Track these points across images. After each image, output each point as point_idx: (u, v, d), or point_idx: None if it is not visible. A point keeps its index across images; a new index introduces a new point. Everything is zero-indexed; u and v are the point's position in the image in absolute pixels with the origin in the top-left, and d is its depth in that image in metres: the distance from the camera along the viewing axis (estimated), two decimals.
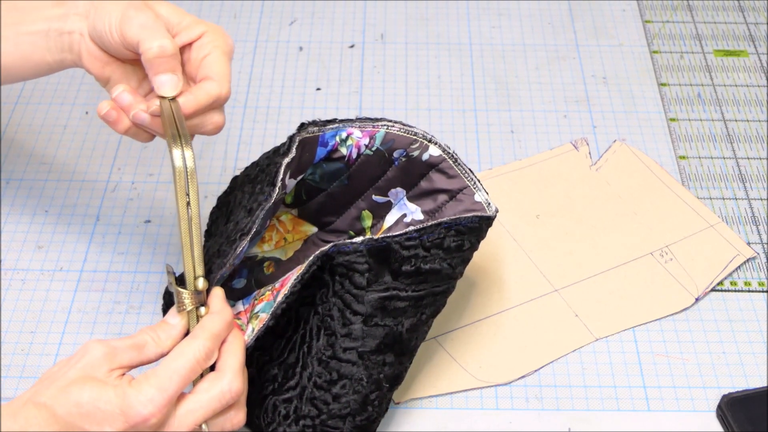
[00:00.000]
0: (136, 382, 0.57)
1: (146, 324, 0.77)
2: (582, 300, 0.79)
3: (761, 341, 0.77)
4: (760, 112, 0.97)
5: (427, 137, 0.72)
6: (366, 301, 0.65)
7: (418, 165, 0.73)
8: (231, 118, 0.95)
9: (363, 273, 0.65)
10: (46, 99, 0.97)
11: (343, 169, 0.74)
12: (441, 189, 0.73)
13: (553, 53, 1.04)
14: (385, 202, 0.75)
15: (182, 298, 0.62)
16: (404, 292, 0.66)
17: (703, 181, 0.90)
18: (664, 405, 0.73)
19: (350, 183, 0.75)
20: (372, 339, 0.65)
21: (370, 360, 0.65)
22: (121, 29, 0.66)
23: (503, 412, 0.72)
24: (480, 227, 0.69)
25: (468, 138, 0.94)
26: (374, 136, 0.72)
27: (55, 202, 0.87)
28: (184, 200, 0.60)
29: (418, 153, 0.72)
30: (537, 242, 0.84)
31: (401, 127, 0.72)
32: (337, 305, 0.66)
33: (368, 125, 0.72)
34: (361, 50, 1.03)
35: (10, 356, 0.75)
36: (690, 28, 1.07)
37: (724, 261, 0.82)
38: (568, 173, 0.90)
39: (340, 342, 0.65)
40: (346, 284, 0.66)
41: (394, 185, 0.74)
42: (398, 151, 0.73)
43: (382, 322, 0.65)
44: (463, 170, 0.72)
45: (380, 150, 0.73)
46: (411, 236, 0.66)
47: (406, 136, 0.72)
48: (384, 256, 0.65)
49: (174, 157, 0.60)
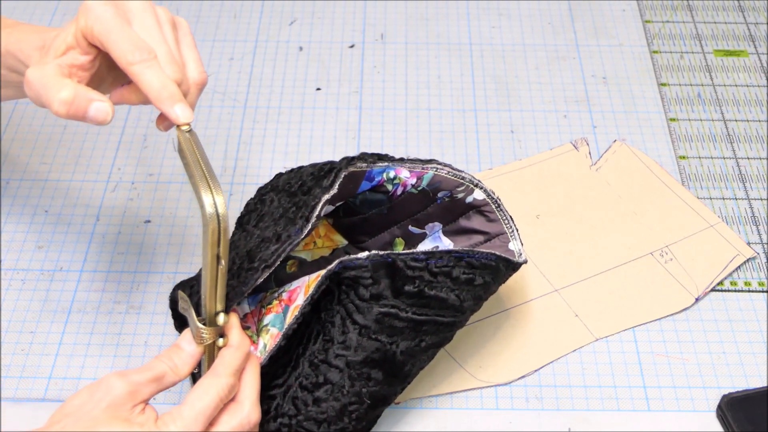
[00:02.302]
0: (162, 422, 0.57)
1: (146, 324, 0.78)
2: (582, 300, 0.79)
3: (761, 341, 0.77)
4: (760, 112, 0.97)
5: (474, 182, 0.72)
6: (366, 313, 0.65)
7: (460, 205, 0.73)
8: (231, 118, 0.95)
9: (367, 287, 0.65)
10: None
11: (385, 201, 0.74)
12: (478, 230, 0.73)
13: (553, 53, 1.04)
14: (420, 233, 0.76)
15: (201, 333, 0.61)
16: (404, 312, 0.66)
17: (703, 181, 0.90)
18: (664, 405, 0.73)
19: (389, 213, 0.75)
20: (362, 350, 0.65)
21: (355, 370, 0.65)
22: (105, 46, 0.62)
23: (503, 412, 0.72)
24: (497, 267, 0.69)
25: (468, 138, 0.94)
26: (422, 177, 0.72)
27: (55, 202, 0.87)
28: (214, 251, 0.57)
29: (463, 195, 0.73)
30: (537, 242, 0.84)
31: (450, 171, 0.72)
32: (340, 313, 0.66)
33: (417, 166, 0.72)
34: (361, 50, 1.03)
35: (10, 356, 0.75)
36: (690, 28, 1.07)
37: (724, 261, 0.82)
38: (568, 173, 0.90)
39: (335, 348, 0.65)
40: (351, 294, 0.66)
41: (432, 220, 0.75)
42: (443, 192, 0.73)
43: (375, 336, 0.65)
44: (504, 216, 0.72)
45: (426, 190, 0.73)
46: (417, 257, 0.66)
47: (454, 180, 0.72)
48: (389, 272, 0.65)
49: (205, 204, 0.56)
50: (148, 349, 0.76)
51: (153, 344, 0.76)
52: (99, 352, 0.76)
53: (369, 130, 0.94)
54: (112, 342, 0.77)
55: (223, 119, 0.95)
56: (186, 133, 0.60)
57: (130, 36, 0.62)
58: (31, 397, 0.73)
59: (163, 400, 0.72)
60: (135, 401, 0.58)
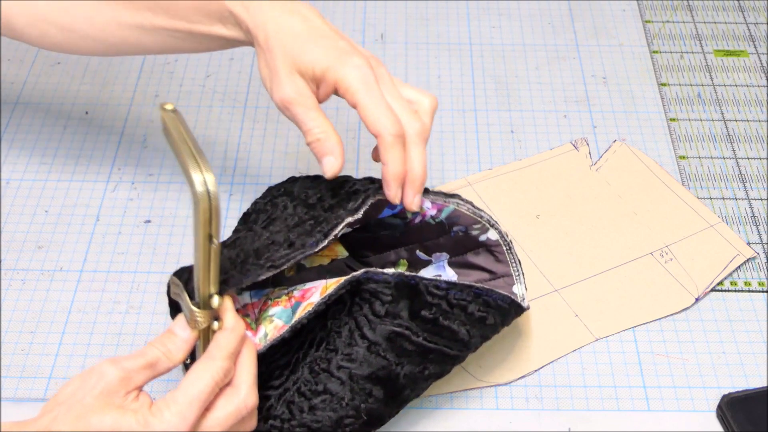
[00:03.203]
0: (157, 408, 0.57)
1: (146, 324, 0.78)
2: (582, 300, 0.79)
3: (761, 341, 0.77)
4: (760, 112, 0.97)
5: (491, 222, 0.72)
6: (378, 330, 0.65)
7: (472, 241, 0.73)
8: (231, 118, 0.95)
9: (384, 303, 0.65)
10: (46, 99, 0.97)
11: (401, 226, 0.74)
12: (485, 268, 0.74)
13: (553, 53, 1.04)
14: (426, 260, 0.76)
15: (195, 316, 0.60)
16: (416, 336, 0.65)
17: (703, 181, 0.90)
18: (664, 405, 0.73)
19: (401, 237, 0.75)
20: (368, 366, 0.65)
21: (358, 384, 0.65)
22: (275, 102, 0.69)
23: (503, 412, 0.72)
24: (509, 310, 0.69)
25: (468, 138, 0.94)
26: (443, 209, 0.72)
27: (55, 202, 0.87)
28: (206, 231, 0.56)
29: (477, 233, 0.73)
30: (537, 242, 0.84)
31: (470, 208, 0.72)
32: (349, 325, 0.65)
33: (440, 199, 0.72)
34: None
35: (10, 356, 0.75)
36: (690, 28, 1.07)
37: (724, 261, 0.82)
38: (568, 173, 0.90)
39: (338, 359, 0.65)
40: (365, 308, 0.65)
41: (441, 250, 0.75)
42: (459, 227, 0.73)
43: (383, 354, 0.65)
44: (512, 259, 0.73)
45: (443, 222, 0.73)
46: (440, 285, 0.66)
47: (472, 217, 0.72)
48: (409, 294, 0.65)
49: (195, 182, 0.54)
50: None
51: None
52: (99, 352, 0.76)
53: None
54: (112, 342, 0.76)
55: (223, 119, 0.95)
56: (170, 112, 0.58)
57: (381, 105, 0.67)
58: (31, 397, 0.73)
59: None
60: (128, 388, 0.57)
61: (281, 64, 0.68)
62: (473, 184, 0.89)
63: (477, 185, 0.89)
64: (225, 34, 0.72)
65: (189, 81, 1.00)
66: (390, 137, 0.67)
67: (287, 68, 0.68)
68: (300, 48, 0.68)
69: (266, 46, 0.69)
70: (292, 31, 0.68)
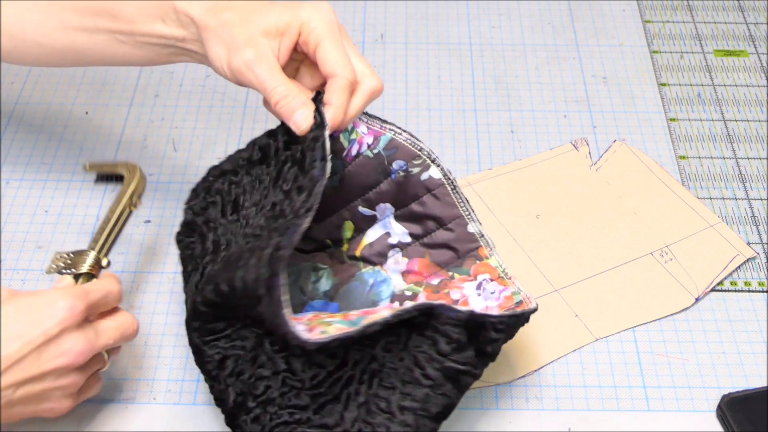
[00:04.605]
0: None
1: (146, 324, 0.77)
2: (582, 300, 0.79)
3: (761, 341, 0.77)
4: (760, 112, 0.97)
5: (431, 156, 0.70)
6: (442, 368, 0.62)
7: (414, 184, 0.71)
8: (231, 118, 0.95)
9: (451, 342, 0.62)
10: (46, 99, 0.97)
11: (338, 165, 0.71)
12: (432, 215, 0.72)
13: (553, 53, 1.04)
14: (371, 215, 0.74)
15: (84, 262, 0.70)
16: (476, 369, 0.64)
17: (703, 181, 0.90)
18: (664, 405, 0.73)
19: (341, 186, 0.73)
20: (435, 407, 0.62)
21: (426, 426, 0.62)
22: (233, 73, 0.68)
23: (503, 412, 0.72)
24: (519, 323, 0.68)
25: (468, 138, 0.94)
26: (379, 138, 0.70)
27: (55, 202, 0.87)
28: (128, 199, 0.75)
29: (418, 171, 0.71)
30: (537, 242, 0.84)
31: (408, 138, 0.70)
32: (407, 362, 0.63)
33: (376, 124, 0.70)
34: (361, 50, 1.03)
35: None
36: (690, 28, 1.07)
37: (724, 261, 0.82)
38: (568, 173, 0.90)
39: (398, 399, 0.62)
40: (425, 345, 0.63)
41: (384, 199, 0.73)
42: (398, 162, 0.71)
43: (450, 394, 0.63)
44: (459, 198, 0.71)
45: (381, 155, 0.71)
46: (504, 320, 0.64)
47: (411, 149, 0.70)
48: (475, 331, 0.63)
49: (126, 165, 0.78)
50: (148, 349, 0.76)
51: (153, 344, 0.76)
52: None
53: None
54: None
55: (223, 119, 0.95)
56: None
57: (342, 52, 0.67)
58: None
59: (163, 400, 0.72)
60: None
61: (238, 33, 0.67)
62: (473, 184, 0.89)
63: (477, 185, 0.89)
64: (165, 32, 0.71)
65: (189, 81, 1.00)
66: (344, 80, 0.66)
67: (245, 35, 0.67)
68: (258, 11, 0.68)
69: (219, 22, 0.68)
70: (242, 6, 0.69)
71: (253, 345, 0.64)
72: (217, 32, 0.68)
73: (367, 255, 0.75)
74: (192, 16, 0.69)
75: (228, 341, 0.64)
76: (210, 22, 0.68)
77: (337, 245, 0.75)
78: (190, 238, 0.71)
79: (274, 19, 0.68)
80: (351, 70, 0.67)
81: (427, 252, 0.73)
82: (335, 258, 0.76)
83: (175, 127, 0.95)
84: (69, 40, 0.74)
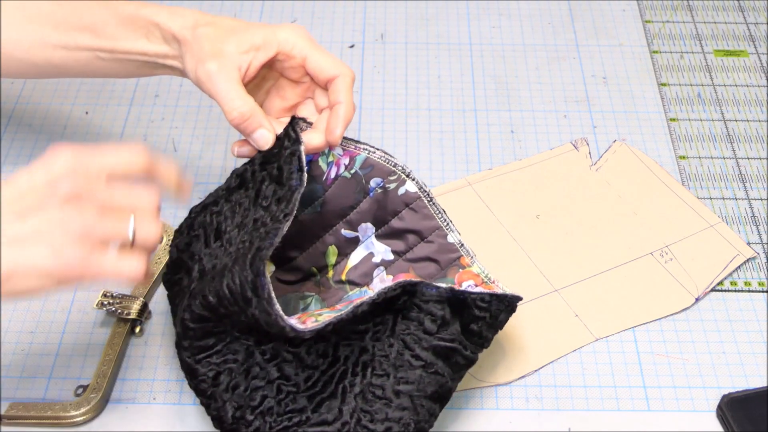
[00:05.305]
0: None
1: (146, 324, 0.77)
2: (582, 300, 0.79)
3: (761, 341, 0.77)
4: (760, 112, 0.97)
5: (405, 171, 0.73)
6: (431, 347, 0.64)
7: (392, 200, 0.73)
8: None
9: (436, 319, 0.64)
10: (46, 99, 0.97)
11: (319, 190, 0.73)
12: (412, 229, 0.73)
13: (553, 53, 1.04)
14: (353, 237, 0.75)
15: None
16: (466, 350, 0.65)
17: (703, 181, 0.90)
18: (664, 405, 0.73)
19: (323, 210, 0.74)
20: (429, 386, 0.64)
21: (423, 407, 0.64)
22: (198, 83, 0.71)
23: (503, 412, 0.72)
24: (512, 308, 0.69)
25: (468, 138, 0.94)
26: (355, 158, 0.72)
27: None
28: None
29: (395, 186, 0.73)
30: (537, 242, 0.84)
31: (382, 155, 0.73)
32: (396, 346, 0.64)
33: (350, 145, 0.73)
34: (361, 50, 1.03)
35: (10, 356, 0.75)
36: (690, 28, 1.07)
37: (724, 261, 0.82)
38: (568, 173, 0.90)
39: (393, 384, 0.64)
40: (412, 327, 0.64)
41: (365, 219, 0.74)
42: (375, 180, 0.73)
43: (442, 372, 0.64)
44: (436, 210, 0.72)
45: (358, 174, 0.73)
46: (485, 298, 0.66)
47: (386, 166, 0.73)
48: (458, 308, 0.65)
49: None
50: (148, 349, 0.76)
51: (153, 344, 0.76)
52: (99, 352, 0.76)
53: (369, 130, 0.94)
54: None
55: (223, 119, 0.95)
56: None
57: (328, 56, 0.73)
58: (31, 397, 0.73)
59: (163, 400, 0.72)
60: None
61: (208, 46, 0.70)
62: (473, 184, 0.89)
63: (477, 185, 0.89)
64: (148, 49, 0.73)
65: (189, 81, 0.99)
66: (348, 77, 0.72)
67: (214, 49, 0.70)
68: (237, 29, 0.72)
69: (194, 37, 0.71)
70: (222, 23, 0.72)
71: (244, 357, 0.65)
72: (191, 46, 0.71)
73: (353, 278, 0.76)
74: (173, 32, 0.71)
75: (220, 356, 0.65)
76: (188, 36, 0.71)
77: (322, 273, 0.76)
78: (177, 275, 0.71)
79: (250, 36, 0.71)
80: (348, 67, 0.72)
81: (410, 266, 0.74)
82: (322, 285, 0.77)
83: (175, 127, 0.95)
84: (47, 55, 0.75)
